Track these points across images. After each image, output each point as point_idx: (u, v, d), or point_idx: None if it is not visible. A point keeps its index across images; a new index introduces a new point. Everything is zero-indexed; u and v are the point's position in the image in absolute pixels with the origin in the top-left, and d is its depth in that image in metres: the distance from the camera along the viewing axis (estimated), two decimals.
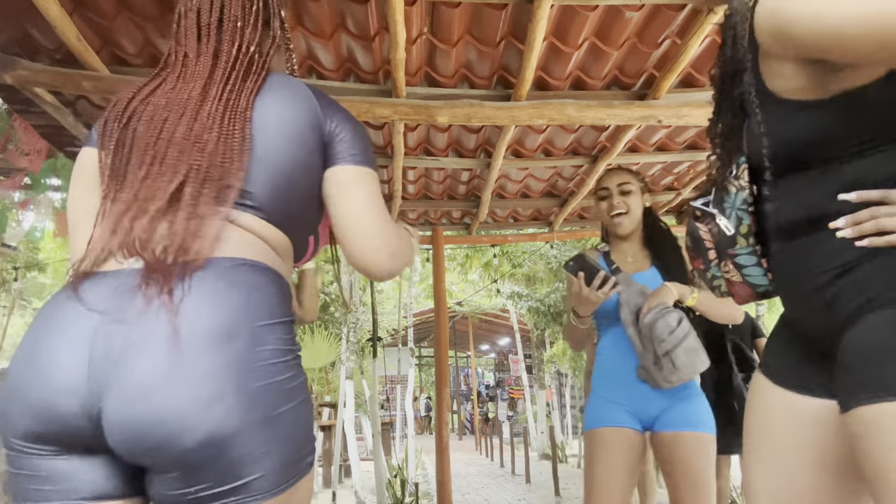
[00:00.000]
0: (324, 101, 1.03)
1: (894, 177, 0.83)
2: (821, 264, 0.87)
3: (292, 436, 0.81)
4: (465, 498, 6.82)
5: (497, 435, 11.48)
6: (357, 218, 1.00)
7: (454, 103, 2.47)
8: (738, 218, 1.00)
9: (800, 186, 0.91)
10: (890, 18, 0.71)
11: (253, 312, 0.81)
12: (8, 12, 1.96)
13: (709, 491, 1.82)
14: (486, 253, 9.81)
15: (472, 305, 14.88)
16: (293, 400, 0.82)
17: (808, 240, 0.89)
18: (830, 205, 0.86)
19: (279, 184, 0.94)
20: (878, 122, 0.84)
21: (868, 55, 0.76)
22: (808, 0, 0.78)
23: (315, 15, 2.13)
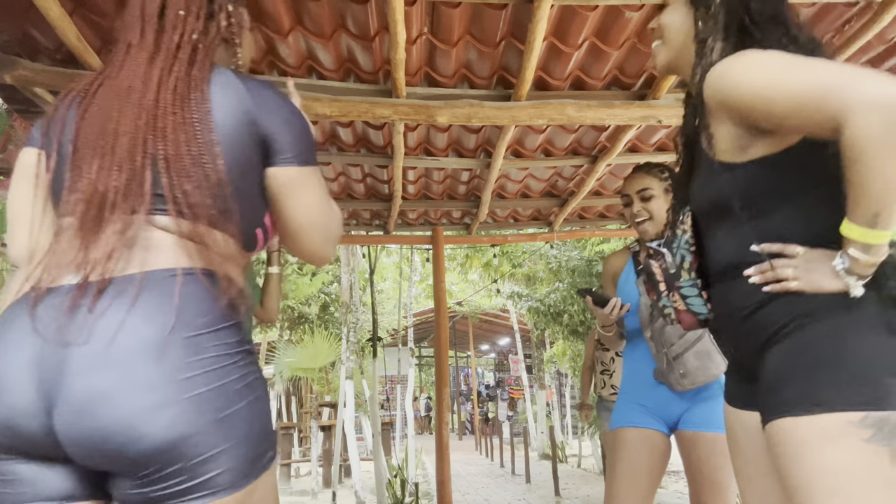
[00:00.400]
0: (259, 96, 0.98)
1: (795, 232, 1.01)
2: (740, 303, 1.07)
3: (248, 432, 0.84)
4: (465, 498, 6.82)
5: (497, 435, 11.48)
6: (306, 222, 1.02)
7: (454, 103, 2.47)
8: (682, 256, 1.20)
9: (724, 235, 1.11)
10: (798, 93, 0.90)
11: (190, 322, 0.83)
12: (8, 12, 1.96)
13: (728, 490, 1.83)
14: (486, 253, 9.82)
15: (472, 305, 14.89)
16: (244, 399, 0.84)
17: (732, 282, 1.08)
18: (745, 255, 1.05)
19: (210, 184, 0.91)
20: (784, 185, 1.03)
21: (781, 119, 0.94)
22: (743, 72, 0.98)
23: (315, 15, 2.13)
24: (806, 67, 0.92)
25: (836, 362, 0.92)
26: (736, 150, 1.05)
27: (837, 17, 2.27)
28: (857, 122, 0.83)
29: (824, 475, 0.89)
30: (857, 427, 0.88)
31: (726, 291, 1.11)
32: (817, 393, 0.92)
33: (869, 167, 0.84)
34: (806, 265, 0.97)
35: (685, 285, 1.20)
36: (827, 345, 0.94)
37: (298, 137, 1.01)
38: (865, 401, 0.88)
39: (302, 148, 1.01)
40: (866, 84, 0.83)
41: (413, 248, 7.92)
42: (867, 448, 0.87)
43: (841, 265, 0.94)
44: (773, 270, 1.00)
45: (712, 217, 1.14)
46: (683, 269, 1.20)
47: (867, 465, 0.87)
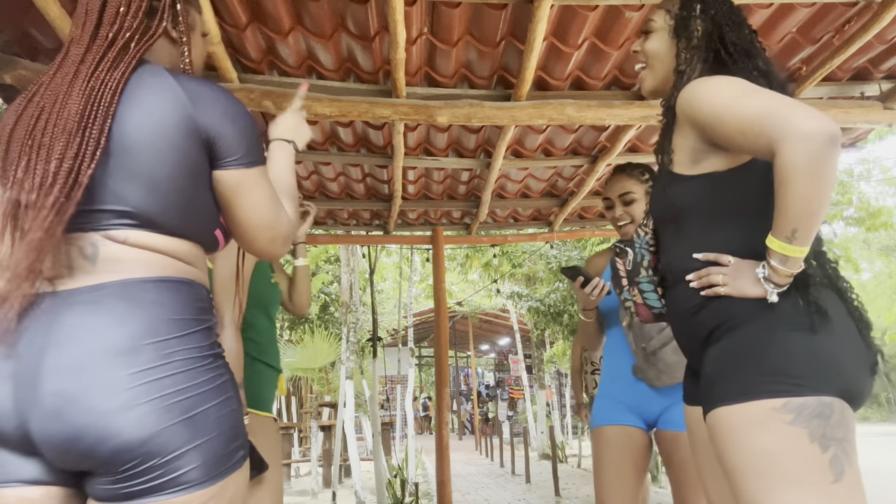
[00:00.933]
0: (197, 96, 0.95)
1: (733, 244, 1.14)
2: (685, 304, 1.20)
3: (217, 432, 0.87)
4: (465, 498, 6.82)
5: (497, 435, 11.48)
6: (253, 223, 1.01)
7: (454, 103, 2.47)
8: (642, 254, 1.34)
9: (674, 241, 1.25)
10: (746, 116, 1.04)
11: (157, 329, 0.86)
12: (8, 12, 1.96)
13: None
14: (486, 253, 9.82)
15: (472, 305, 14.88)
16: (212, 400, 0.88)
17: (680, 284, 1.20)
18: (689, 261, 1.18)
19: (161, 193, 0.90)
20: (726, 202, 1.16)
21: (730, 137, 1.08)
22: (707, 89, 1.13)
23: (315, 15, 2.13)
24: (759, 96, 1.06)
25: (760, 357, 1.05)
26: (689, 163, 1.18)
27: (837, 17, 2.27)
28: (786, 150, 0.97)
29: (754, 456, 1.00)
30: (780, 412, 0.99)
31: (676, 293, 1.23)
32: (745, 384, 1.04)
33: (791, 190, 0.97)
34: (734, 273, 1.11)
35: (643, 281, 1.33)
36: (753, 342, 1.07)
37: (243, 138, 0.99)
38: (786, 389, 1.00)
39: (248, 148, 0.99)
40: (801, 118, 0.97)
41: (413, 248, 7.92)
42: (790, 430, 0.98)
43: (762, 273, 1.07)
44: (707, 276, 1.13)
45: (665, 223, 1.28)
46: (643, 267, 1.33)
47: (790, 445, 0.98)
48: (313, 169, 3.45)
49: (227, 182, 0.98)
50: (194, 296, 0.94)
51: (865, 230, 6.71)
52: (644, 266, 1.33)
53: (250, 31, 2.17)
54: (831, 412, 0.99)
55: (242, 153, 0.98)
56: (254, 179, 1.00)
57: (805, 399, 1.00)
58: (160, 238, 0.92)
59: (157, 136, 0.90)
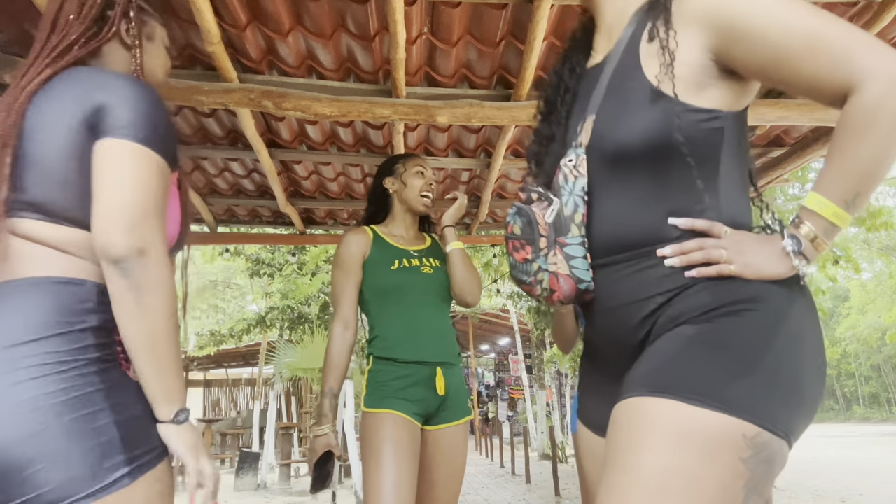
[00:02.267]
0: (103, 82, 0.94)
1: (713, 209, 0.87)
2: (639, 283, 0.89)
3: (75, 449, 0.81)
4: (465, 498, 6.82)
5: (497, 435, 11.48)
6: (98, 197, 0.90)
7: (454, 103, 2.47)
8: (574, 205, 0.94)
9: (636, 196, 0.90)
10: (820, 37, 0.79)
11: (6, 335, 0.83)
12: (8, 12, 1.96)
13: None
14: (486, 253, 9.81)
15: None
16: (66, 414, 0.81)
17: (639, 261, 0.89)
18: (661, 227, 0.87)
19: (51, 178, 0.90)
20: (719, 154, 0.87)
21: (783, 61, 0.81)
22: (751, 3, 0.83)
23: (315, 15, 2.13)
24: (833, 17, 0.81)
25: (760, 365, 0.78)
26: (692, 86, 0.87)
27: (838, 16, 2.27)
28: (875, 88, 0.75)
29: (676, 477, 0.74)
30: (745, 443, 0.75)
31: (626, 272, 0.90)
32: (727, 390, 0.76)
33: (870, 140, 0.76)
34: (737, 246, 0.84)
35: (572, 242, 0.94)
36: (753, 341, 0.80)
37: (126, 109, 0.92)
38: (771, 417, 0.76)
39: (128, 122, 0.92)
40: (894, 53, 0.75)
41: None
42: (737, 469, 0.74)
43: (792, 247, 0.82)
44: (700, 251, 0.84)
45: (624, 165, 0.91)
46: (574, 223, 0.94)
47: (723, 485, 0.74)
48: (313, 169, 3.45)
49: (98, 151, 0.91)
50: (69, 297, 0.89)
51: (866, 230, 6.71)
52: (576, 222, 0.93)
53: (250, 31, 2.17)
54: (777, 464, 0.78)
55: (121, 125, 0.91)
56: (122, 152, 0.91)
57: (772, 437, 0.76)
58: (48, 227, 0.91)
59: (53, 121, 0.92)
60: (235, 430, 11.58)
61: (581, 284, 0.94)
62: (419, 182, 2.03)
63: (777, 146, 3.26)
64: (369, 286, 1.89)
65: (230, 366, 15.71)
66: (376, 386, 1.81)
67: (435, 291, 1.92)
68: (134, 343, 0.89)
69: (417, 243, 2.04)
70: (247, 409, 14.25)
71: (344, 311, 1.86)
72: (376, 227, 2.04)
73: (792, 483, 6.91)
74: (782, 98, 2.56)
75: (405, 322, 1.85)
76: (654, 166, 0.88)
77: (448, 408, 1.86)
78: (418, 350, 1.82)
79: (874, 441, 14.57)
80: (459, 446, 1.88)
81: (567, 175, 0.96)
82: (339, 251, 1.92)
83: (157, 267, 0.90)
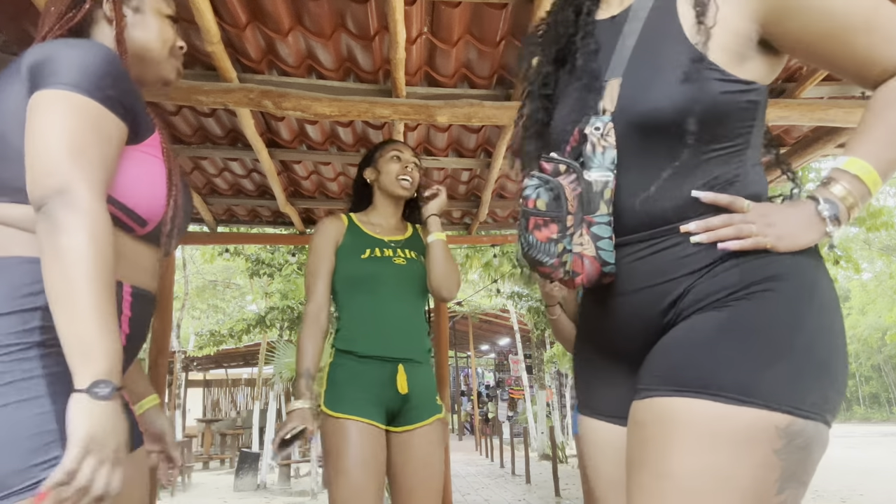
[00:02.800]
0: (41, 47, 0.90)
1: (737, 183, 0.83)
2: (671, 270, 0.82)
3: (3, 440, 0.74)
4: (465, 498, 6.81)
5: (497, 435, 11.48)
6: (31, 153, 0.83)
7: (454, 103, 2.46)
8: (605, 180, 0.85)
9: (658, 167, 0.83)
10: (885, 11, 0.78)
11: None
12: (8, 12, 1.95)
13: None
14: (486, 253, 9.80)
15: (472, 305, 14.87)
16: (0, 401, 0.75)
17: (656, 237, 0.83)
18: (688, 203, 0.82)
19: (15, 160, 0.86)
20: (750, 127, 0.84)
21: (838, 35, 0.80)
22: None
23: (315, 15, 2.12)
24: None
25: (792, 346, 0.75)
26: (735, 56, 0.82)
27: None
28: None
29: (707, 479, 0.71)
30: (776, 433, 0.72)
31: (646, 252, 0.84)
32: (757, 381, 0.73)
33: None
34: (764, 219, 0.79)
35: (600, 221, 0.84)
36: (785, 322, 0.76)
37: (60, 63, 0.86)
38: (804, 401, 0.73)
39: (58, 71, 0.85)
40: None
41: None
42: (770, 461, 0.71)
43: (829, 210, 0.78)
44: (730, 227, 0.79)
45: (654, 136, 0.83)
46: (603, 200, 0.84)
47: (755, 482, 0.71)
48: (313, 169, 3.44)
49: (29, 105, 0.85)
50: (25, 276, 0.83)
51: (866, 230, 6.70)
52: (605, 199, 0.84)
53: (250, 31, 2.17)
54: (816, 447, 0.75)
55: (45, 77, 0.85)
56: (44, 102, 0.84)
57: (806, 422, 0.73)
58: (11, 207, 0.86)
59: (4, 100, 0.90)
60: (235, 431, 11.58)
61: (606, 267, 0.85)
62: (395, 166, 1.97)
63: (777, 146, 3.25)
64: (339, 275, 1.84)
65: (230, 366, 15.71)
66: (335, 383, 1.76)
67: (407, 284, 1.85)
68: (48, 293, 0.79)
69: (397, 233, 1.97)
70: (246, 409, 14.25)
71: (317, 296, 1.82)
72: (354, 215, 1.99)
73: None
74: (782, 98, 2.56)
75: (370, 314, 1.79)
76: (687, 138, 0.81)
77: (414, 407, 1.79)
78: (380, 344, 1.76)
79: (875, 441, 14.57)
80: (433, 447, 1.80)
81: (595, 145, 0.85)
82: (314, 238, 1.89)
83: (80, 203, 0.80)
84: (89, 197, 0.81)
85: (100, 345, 0.77)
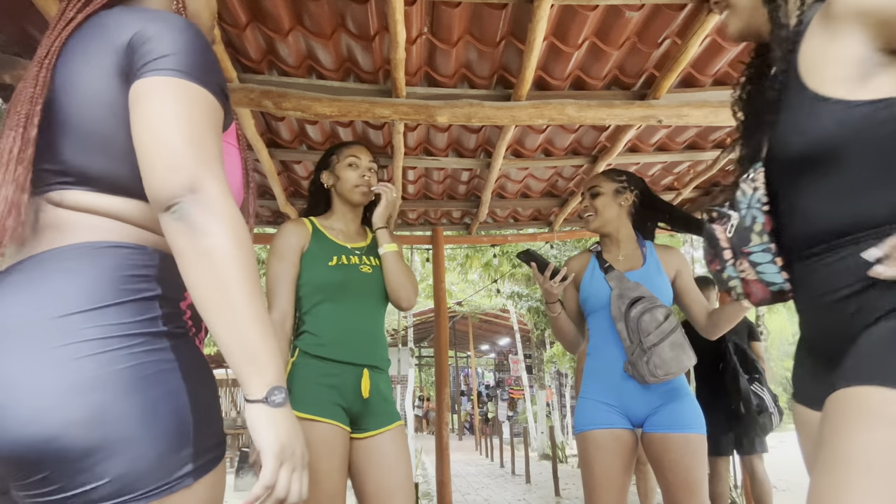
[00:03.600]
0: (132, 18, 0.81)
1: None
2: (839, 279, 0.91)
3: (142, 435, 0.69)
4: (465, 498, 6.82)
5: (497, 435, 11.49)
6: (137, 147, 0.76)
7: (454, 103, 2.47)
8: (752, 216, 1.02)
9: (824, 194, 0.93)
10: None
11: (54, 302, 0.71)
12: (8, 12, 1.95)
13: (701, 489, 1.85)
14: (486, 253, 9.82)
15: (472, 305, 14.89)
16: (135, 395, 0.70)
17: (829, 252, 0.92)
18: (857, 219, 0.89)
19: (92, 144, 0.80)
20: (892, 139, 0.87)
21: None
22: None
23: (315, 15, 2.13)
24: None
25: None
26: (855, 80, 0.88)
27: None
28: None
29: (880, 452, 0.77)
30: None
31: (822, 265, 0.93)
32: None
33: None
34: None
35: (756, 250, 1.02)
36: None
37: (165, 40, 0.78)
38: None
39: (167, 52, 0.78)
40: None
41: (413, 247, 7.92)
42: None
43: None
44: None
45: (805, 169, 0.95)
46: (754, 233, 1.02)
47: (889, 458, 0.78)
48: (313, 169, 3.45)
49: (135, 91, 0.77)
50: (129, 261, 0.77)
51: None
52: (756, 231, 1.01)
53: (250, 31, 2.17)
54: None
55: (151, 62, 0.77)
56: (161, 87, 0.76)
57: None
58: (98, 197, 0.80)
59: (85, 75, 0.80)
60: (235, 430, 11.58)
61: (772, 287, 1.01)
62: (352, 174, 1.91)
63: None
64: (305, 280, 1.81)
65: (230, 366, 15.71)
66: (300, 382, 1.73)
67: (372, 292, 1.86)
68: (200, 299, 0.74)
69: (358, 239, 1.95)
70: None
71: (281, 302, 1.77)
72: (315, 220, 1.94)
73: (792, 483, 6.90)
74: None
75: (338, 321, 1.79)
76: (832, 166, 0.91)
77: (373, 413, 1.79)
78: (349, 351, 1.77)
79: None
80: (402, 451, 1.80)
81: (745, 190, 1.04)
82: (278, 241, 1.83)
83: (215, 203, 0.75)
84: (221, 194, 0.76)
85: (265, 351, 0.75)
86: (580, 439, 1.97)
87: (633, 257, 2.08)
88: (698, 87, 2.64)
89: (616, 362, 1.96)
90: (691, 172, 3.76)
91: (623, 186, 2.11)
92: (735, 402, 3.25)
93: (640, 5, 2.11)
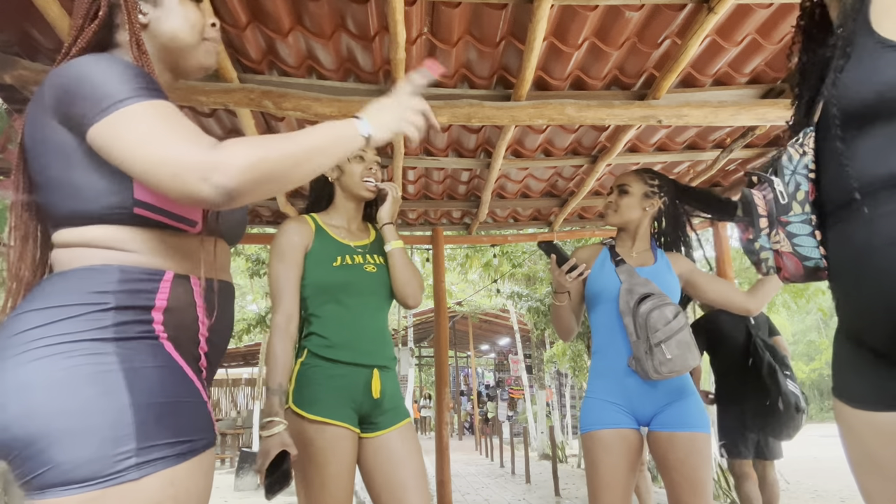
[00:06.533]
0: (48, 81, 0.91)
1: None
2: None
3: (77, 430, 0.77)
4: (465, 498, 6.82)
5: (497, 435, 11.48)
6: (141, 167, 0.83)
7: (454, 103, 2.47)
8: (796, 183, 0.95)
9: (884, 146, 0.82)
10: None
11: (20, 324, 0.83)
12: (8, 12, 1.96)
13: (706, 489, 1.84)
14: (486, 253, 9.82)
15: (472, 305, 14.88)
16: (75, 393, 0.78)
17: (880, 207, 0.81)
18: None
19: (53, 187, 0.91)
20: None
21: None
22: None
23: (315, 15, 2.13)
24: None
25: None
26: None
27: None
28: None
29: None
30: None
31: (877, 215, 0.82)
32: None
33: None
34: None
35: (795, 220, 0.94)
36: None
37: (88, 94, 0.86)
38: None
39: (96, 99, 0.85)
40: None
41: (413, 248, 7.93)
42: None
43: None
44: None
45: (872, 118, 0.85)
46: (796, 201, 0.94)
47: None
48: None
49: (95, 142, 0.86)
50: (89, 281, 0.87)
51: None
52: (798, 199, 0.94)
53: (250, 31, 2.17)
54: None
55: (90, 107, 0.85)
56: (116, 123, 0.84)
57: None
58: (73, 232, 0.91)
59: (32, 132, 0.93)
60: (235, 430, 11.58)
61: (807, 262, 0.93)
62: (358, 167, 1.90)
63: (777, 146, 3.26)
64: (310, 281, 1.77)
65: (230, 366, 15.72)
66: (308, 383, 1.72)
67: (377, 291, 1.83)
68: (307, 171, 0.94)
69: (361, 237, 1.91)
70: (247, 409, 14.25)
71: (286, 304, 1.74)
72: (317, 217, 1.89)
73: (792, 483, 6.91)
74: (782, 98, 2.56)
75: (346, 323, 1.76)
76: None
77: (384, 412, 1.78)
78: (359, 353, 1.75)
79: None
80: (414, 444, 1.78)
81: (792, 154, 0.97)
82: (280, 241, 1.79)
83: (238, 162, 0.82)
84: (224, 149, 0.83)
85: (332, 124, 1.08)
86: (586, 439, 1.97)
87: (644, 255, 2.09)
88: (698, 87, 2.65)
89: (622, 360, 1.96)
90: (691, 172, 3.76)
91: (653, 191, 2.09)
92: (774, 398, 3.08)
93: (640, 5, 2.11)
